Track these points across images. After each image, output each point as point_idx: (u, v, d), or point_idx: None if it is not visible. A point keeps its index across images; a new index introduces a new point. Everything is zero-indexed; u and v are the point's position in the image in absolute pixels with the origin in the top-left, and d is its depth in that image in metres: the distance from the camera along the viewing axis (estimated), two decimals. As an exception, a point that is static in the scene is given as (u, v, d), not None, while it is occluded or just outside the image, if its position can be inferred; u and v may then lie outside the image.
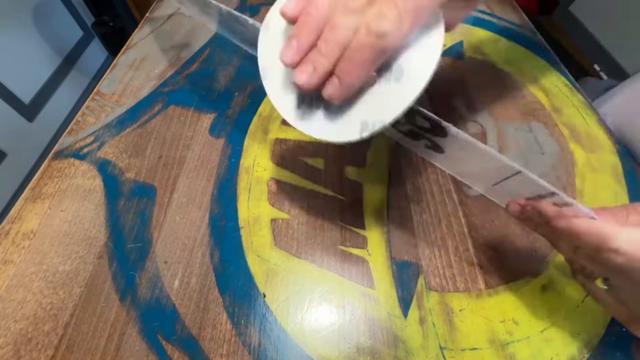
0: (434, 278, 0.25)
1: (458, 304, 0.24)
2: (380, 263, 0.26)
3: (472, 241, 0.27)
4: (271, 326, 0.23)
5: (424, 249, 0.27)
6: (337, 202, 0.29)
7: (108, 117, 0.37)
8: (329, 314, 0.24)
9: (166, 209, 0.29)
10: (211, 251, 0.27)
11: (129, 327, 0.23)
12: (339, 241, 0.27)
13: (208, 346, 0.23)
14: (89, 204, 0.30)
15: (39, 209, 0.30)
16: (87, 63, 1.58)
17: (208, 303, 0.24)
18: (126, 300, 0.25)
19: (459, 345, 0.22)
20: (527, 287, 0.25)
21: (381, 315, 0.24)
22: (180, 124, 0.36)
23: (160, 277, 0.26)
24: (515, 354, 0.22)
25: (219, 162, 0.33)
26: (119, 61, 0.45)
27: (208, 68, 0.42)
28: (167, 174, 0.32)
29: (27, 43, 1.27)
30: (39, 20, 1.32)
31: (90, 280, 0.26)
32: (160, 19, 0.52)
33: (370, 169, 0.32)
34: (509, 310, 0.23)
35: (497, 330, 0.23)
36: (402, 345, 0.22)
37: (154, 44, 0.47)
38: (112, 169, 0.32)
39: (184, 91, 0.40)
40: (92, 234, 0.28)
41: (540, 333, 0.23)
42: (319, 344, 0.23)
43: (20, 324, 0.24)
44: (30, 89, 1.28)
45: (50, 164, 0.33)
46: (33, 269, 0.26)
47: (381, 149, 0.33)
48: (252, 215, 0.29)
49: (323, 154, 0.33)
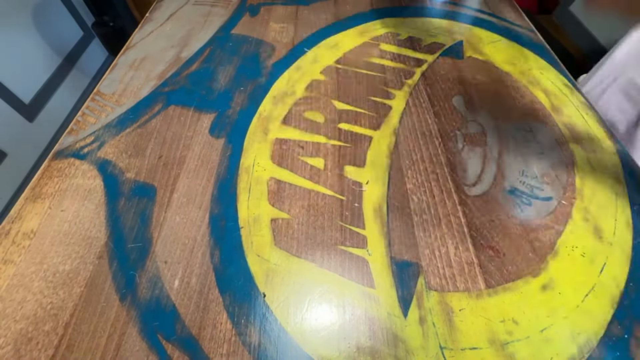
0: (434, 278, 0.25)
1: (458, 303, 0.24)
2: (380, 263, 0.26)
3: (472, 241, 0.27)
4: (271, 326, 0.23)
5: (424, 248, 0.27)
6: (337, 202, 0.29)
7: (108, 117, 0.37)
8: (329, 314, 0.24)
9: (166, 209, 0.29)
10: (211, 251, 0.27)
11: (129, 327, 0.23)
12: (339, 241, 0.27)
13: (208, 346, 0.23)
14: (89, 203, 0.30)
15: (39, 208, 0.30)
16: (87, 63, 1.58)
17: (208, 303, 0.24)
18: (126, 300, 0.25)
19: (459, 345, 0.22)
20: (527, 287, 0.25)
21: (381, 315, 0.24)
22: (180, 124, 0.36)
23: (161, 277, 0.26)
24: (515, 353, 0.22)
25: (219, 162, 0.33)
26: (119, 61, 0.45)
27: (208, 68, 0.43)
28: (167, 174, 0.32)
29: (27, 43, 1.27)
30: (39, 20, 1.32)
31: (91, 280, 0.26)
32: (160, 19, 0.52)
33: (370, 169, 0.32)
34: (509, 310, 0.23)
35: (497, 330, 0.23)
36: (402, 345, 0.22)
37: (154, 44, 0.47)
38: (113, 169, 0.32)
39: (184, 91, 0.40)
40: (92, 233, 0.28)
41: (540, 333, 0.23)
42: (319, 343, 0.23)
43: (20, 323, 0.24)
44: (30, 89, 1.27)
45: (50, 163, 0.33)
46: (33, 268, 0.26)
47: (381, 148, 0.33)
48: (252, 215, 0.29)
49: (323, 154, 0.33)
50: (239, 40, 0.47)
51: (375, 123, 0.35)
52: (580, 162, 0.32)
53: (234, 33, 0.48)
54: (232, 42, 0.46)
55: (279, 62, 0.43)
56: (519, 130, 0.34)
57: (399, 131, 0.34)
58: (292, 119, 0.36)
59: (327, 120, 0.36)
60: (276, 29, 0.48)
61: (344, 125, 0.35)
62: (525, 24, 0.48)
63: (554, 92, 0.38)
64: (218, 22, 0.50)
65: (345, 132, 0.35)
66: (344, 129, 0.35)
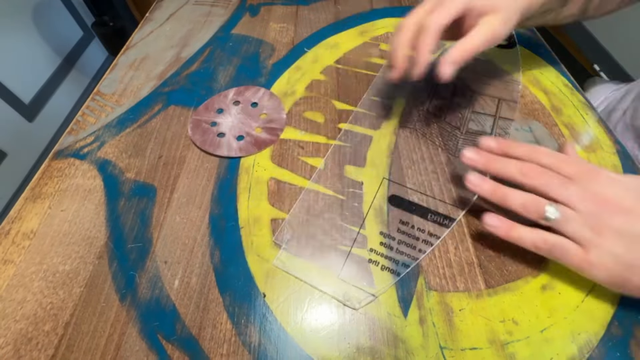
0: (433, 278, 0.25)
1: (458, 303, 0.24)
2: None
3: (472, 241, 0.27)
4: (271, 326, 0.23)
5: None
6: (337, 202, 0.29)
7: (108, 117, 0.37)
8: (329, 314, 0.24)
9: (166, 208, 0.29)
10: (211, 251, 0.27)
11: (129, 327, 0.23)
12: (339, 241, 0.27)
13: (208, 346, 0.23)
14: (89, 203, 0.30)
15: (39, 208, 0.30)
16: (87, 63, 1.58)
17: (208, 303, 0.24)
18: (126, 300, 0.25)
19: (459, 345, 0.22)
20: (527, 287, 0.25)
21: (381, 315, 0.24)
22: (180, 124, 0.36)
23: (160, 277, 0.26)
24: (515, 353, 0.22)
25: (219, 162, 0.33)
26: (119, 61, 0.45)
27: (208, 68, 0.43)
28: (167, 174, 0.32)
29: (27, 43, 1.27)
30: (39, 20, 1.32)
31: (90, 280, 0.26)
32: (160, 19, 0.52)
33: (370, 169, 0.32)
34: (509, 310, 0.23)
35: (497, 330, 0.23)
36: (402, 345, 0.22)
37: (154, 44, 0.47)
38: (112, 169, 0.32)
39: (184, 91, 0.40)
40: (92, 233, 0.28)
41: (540, 333, 0.23)
42: (319, 343, 0.23)
43: (20, 323, 0.24)
44: (30, 89, 1.28)
45: (50, 163, 0.33)
46: (33, 268, 0.26)
47: (381, 148, 0.33)
48: (252, 215, 0.29)
49: (323, 154, 0.33)
50: (239, 40, 0.47)
51: (375, 123, 0.35)
52: (580, 162, 0.32)
53: (234, 33, 0.48)
54: (232, 42, 0.46)
55: (278, 62, 0.43)
56: (519, 131, 0.34)
57: (399, 131, 0.34)
58: (292, 118, 0.36)
59: (327, 120, 0.36)
60: (276, 29, 0.48)
61: (344, 125, 0.35)
62: (525, 24, 0.48)
63: (554, 92, 0.38)
64: (218, 22, 0.50)
65: (345, 131, 0.35)
66: (344, 129, 0.35)
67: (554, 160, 0.25)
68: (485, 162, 0.26)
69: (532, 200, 0.24)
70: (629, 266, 0.21)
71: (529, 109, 0.36)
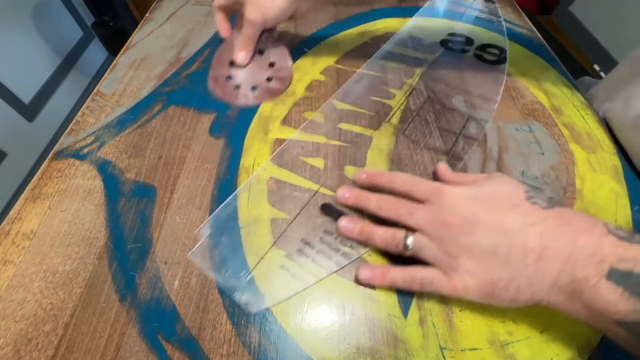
0: (434, 278, 0.25)
1: (458, 304, 0.24)
2: (381, 263, 0.26)
3: (472, 241, 0.27)
4: (271, 326, 0.23)
5: (424, 249, 0.27)
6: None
7: (108, 117, 0.37)
8: (329, 314, 0.24)
9: (166, 209, 0.29)
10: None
11: (129, 328, 0.23)
12: (339, 241, 0.27)
13: (208, 346, 0.23)
14: (89, 204, 0.30)
15: (39, 209, 0.30)
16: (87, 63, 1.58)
17: (208, 303, 0.24)
18: (126, 300, 0.25)
19: (459, 346, 0.22)
20: (527, 287, 0.24)
21: (381, 316, 0.24)
22: (180, 124, 0.36)
23: (160, 277, 0.26)
24: (515, 354, 0.22)
25: (219, 162, 0.33)
26: (119, 61, 0.45)
27: (208, 68, 0.42)
28: (167, 174, 0.32)
29: (27, 43, 1.27)
30: (39, 20, 1.32)
31: (90, 280, 0.26)
32: (160, 19, 0.52)
33: (370, 169, 0.32)
34: (509, 310, 0.23)
35: (497, 330, 0.23)
36: (402, 346, 0.22)
37: (154, 44, 0.47)
38: (112, 169, 0.32)
39: (184, 91, 0.40)
40: (92, 234, 0.28)
41: (540, 333, 0.23)
42: (319, 344, 0.23)
43: (20, 324, 0.24)
44: (30, 89, 1.28)
45: (50, 164, 0.33)
46: (33, 269, 0.26)
47: (381, 148, 0.33)
48: (252, 215, 0.29)
49: (323, 154, 0.33)
50: (239, 41, 0.46)
51: (375, 123, 0.35)
52: (580, 162, 0.32)
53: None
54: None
55: (279, 62, 0.43)
56: (519, 131, 0.34)
57: (399, 131, 0.34)
58: (292, 119, 0.36)
59: (327, 120, 0.36)
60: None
61: (344, 125, 0.35)
62: (525, 24, 0.49)
63: (554, 92, 0.38)
64: (218, 22, 0.50)
65: (345, 131, 0.35)
66: (344, 129, 0.35)
67: (407, 187, 0.25)
68: (354, 200, 0.27)
69: (391, 235, 0.24)
70: (487, 281, 0.21)
71: (529, 109, 0.36)
